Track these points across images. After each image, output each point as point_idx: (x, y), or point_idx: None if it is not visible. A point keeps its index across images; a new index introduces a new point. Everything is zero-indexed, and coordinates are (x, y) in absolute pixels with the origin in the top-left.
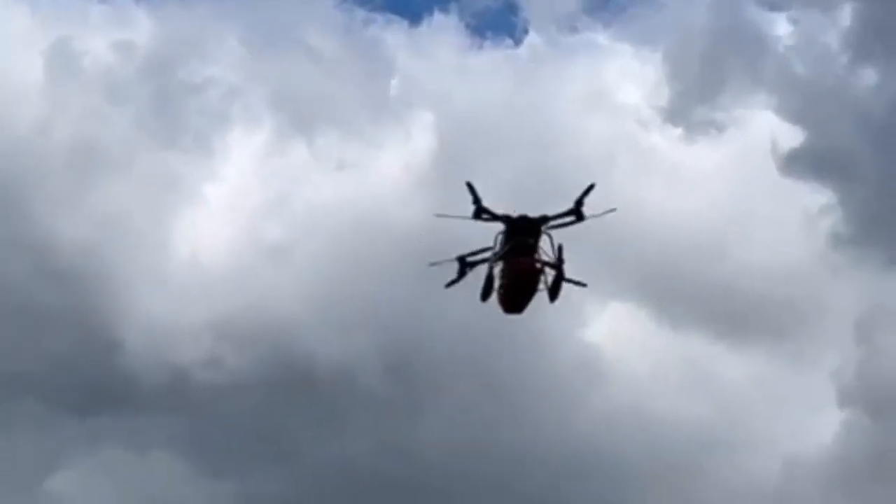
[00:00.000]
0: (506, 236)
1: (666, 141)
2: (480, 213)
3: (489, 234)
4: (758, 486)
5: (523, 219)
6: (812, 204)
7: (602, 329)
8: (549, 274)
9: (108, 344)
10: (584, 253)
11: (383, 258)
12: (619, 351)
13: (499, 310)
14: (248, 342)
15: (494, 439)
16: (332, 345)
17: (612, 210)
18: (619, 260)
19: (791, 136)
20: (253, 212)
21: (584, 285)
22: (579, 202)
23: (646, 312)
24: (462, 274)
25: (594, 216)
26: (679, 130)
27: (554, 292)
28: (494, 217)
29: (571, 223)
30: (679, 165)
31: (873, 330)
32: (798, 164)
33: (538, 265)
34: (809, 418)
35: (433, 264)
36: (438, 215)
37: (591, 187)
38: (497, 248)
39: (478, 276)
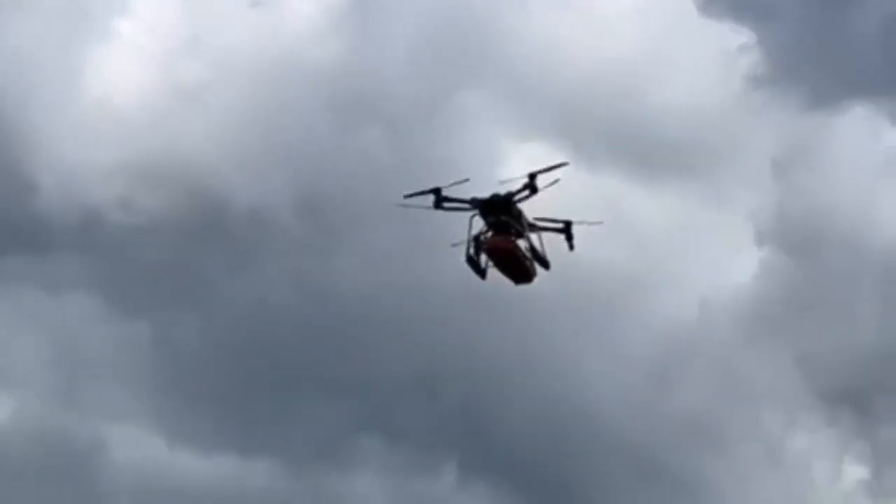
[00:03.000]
0: (482, 218)
1: None
2: (442, 202)
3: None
4: (677, 325)
5: (495, 197)
6: (731, 44)
7: (519, 169)
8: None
9: (18, 184)
10: (500, 93)
11: (298, 98)
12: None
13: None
14: (162, 183)
15: (409, 280)
16: (246, 185)
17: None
18: (536, 100)
19: None
20: (166, 51)
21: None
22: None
23: (563, 153)
24: (477, 254)
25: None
26: None
27: (542, 263)
28: (462, 202)
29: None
30: (596, 5)
31: (791, 170)
32: (717, 4)
33: (510, 241)
34: (728, 257)
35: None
36: (402, 205)
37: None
38: (474, 230)
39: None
